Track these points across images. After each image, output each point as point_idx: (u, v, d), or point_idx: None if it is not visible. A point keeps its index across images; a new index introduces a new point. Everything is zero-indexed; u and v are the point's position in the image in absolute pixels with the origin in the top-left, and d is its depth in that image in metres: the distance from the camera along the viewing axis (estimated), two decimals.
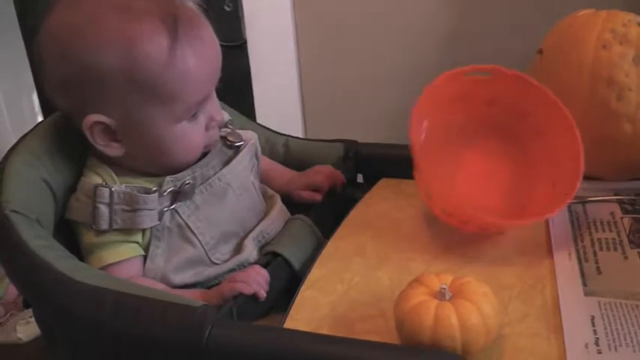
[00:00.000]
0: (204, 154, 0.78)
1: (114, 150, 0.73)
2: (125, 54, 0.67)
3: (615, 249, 0.72)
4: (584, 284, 0.67)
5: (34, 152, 0.73)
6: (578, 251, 0.72)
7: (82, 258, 0.73)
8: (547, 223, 0.78)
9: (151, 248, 0.74)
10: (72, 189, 0.75)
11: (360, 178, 0.96)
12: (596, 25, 0.81)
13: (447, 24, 1.54)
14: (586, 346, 0.59)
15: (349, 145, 0.93)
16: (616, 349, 0.58)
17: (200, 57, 0.70)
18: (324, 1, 1.60)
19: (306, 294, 0.70)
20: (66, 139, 0.76)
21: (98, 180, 0.73)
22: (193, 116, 0.73)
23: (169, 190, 0.73)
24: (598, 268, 0.69)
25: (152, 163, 0.74)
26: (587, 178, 0.85)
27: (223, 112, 0.83)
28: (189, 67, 0.69)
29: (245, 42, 1.72)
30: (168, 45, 0.68)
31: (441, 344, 0.56)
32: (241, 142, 0.81)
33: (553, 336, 0.61)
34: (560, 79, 0.82)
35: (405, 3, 1.56)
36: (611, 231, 0.76)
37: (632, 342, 0.59)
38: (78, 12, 0.69)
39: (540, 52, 0.86)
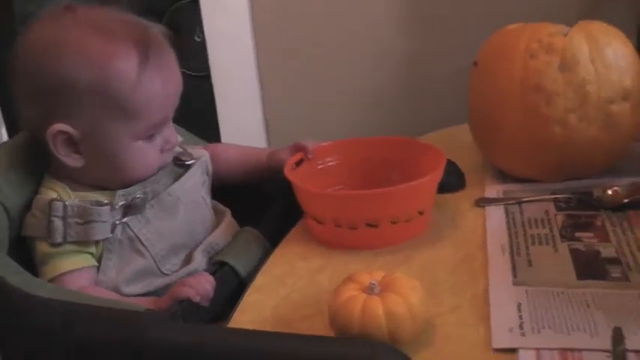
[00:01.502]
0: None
1: (74, 161, 0.76)
2: (99, 70, 0.73)
3: (547, 243, 0.76)
4: (515, 275, 0.70)
5: None
6: (511, 247, 0.76)
7: (36, 274, 0.75)
8: (485, 224, 0.81)
9: (104, 260, 0.77)
10: (27, 207, 0.78)
11: None
12: (523, 36, 0.85)
13: (405, 47, 1.59)
14: (510, 329, 0.62)
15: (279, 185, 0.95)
16: (539, 331, 0.61)
17: (165, 81, 0.77)
18: (283, 26, 1.65)
19: (250, 298, 0.73)
20: (23, 161, 0.79)
21: (53, 195, 0.76)
22: (151, 136, 0.78)
23: (121, 203, 0.77)
24: (529, 261, 0.73)
25: (108, 176, 0.78)
26: (525, 180, 0.89)
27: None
28: (155, 89, 0.75)
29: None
30: (139, 67, 0.74)
31: (370, 334, 0.59)
32: (192, 161, 0.85)
33: (482, 323, 0.64)
34: (494, 87, 0.87)
35: (365, 29, 1.61)
36: (544, 227, 0.79)
37: (554, 324, 0.62)
38: (56, 30, 0.75)
39: (475, 64, 0.90)
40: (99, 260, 0.77)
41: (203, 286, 0.72)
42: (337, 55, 1.65)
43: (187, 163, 0.85)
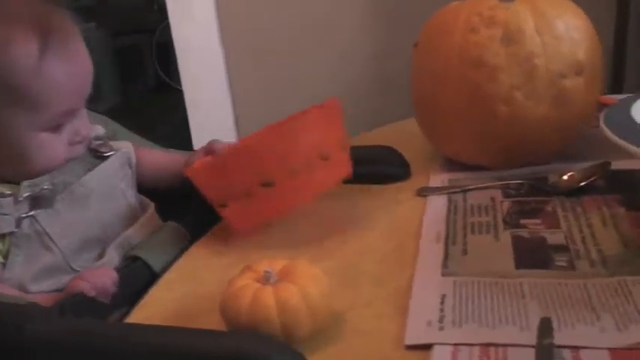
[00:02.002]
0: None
1: None
2: None
3: (488, 231, 0.68)
4: (445, 266, 0.62)
5: None
6: (447, 235, 0.68)
7: None
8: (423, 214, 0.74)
9: (10, 256, 0.71)
10: None
11: None
12: (463, 11, 0.78)
13: (374, 42, 1.53)
14: (428, 323, 0.54)
15: None
16: (460, 325, 0.53)
17: (69, 69, 0.71)
18: (251, 27, 1.61)
19: (154, 293, 0.66)
20: None
21: None
22: (57, 128, 0.73)
23: (25, 194, 0.71)
24: (464, 250, 0.65)
25: (11, 168, 0.73)
26: (475, 168, 0.82)
27: (97, 126, 0.82)
28: (56, 77, 0.70)
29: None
30: (37, 52, 0.69)
31: (259, 327, 0.51)
32: (111, 152, 0.80)
33: (398, 317, 0.56)
34: (433, 66, 0.80)
35: (332, 28, 1.56)
36: (487, 215, 0.71)
37: (479, 317, 0.54)
38: None
39: (416, 45, 0.83)
40: (5, 256, 0.71)
41: (100, 280, 0.65)
42: (307, 53, 1.59)
43: (105, 154, 0.79)
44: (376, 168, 0.84)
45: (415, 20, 1.44)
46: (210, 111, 1.74)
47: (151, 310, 0.63)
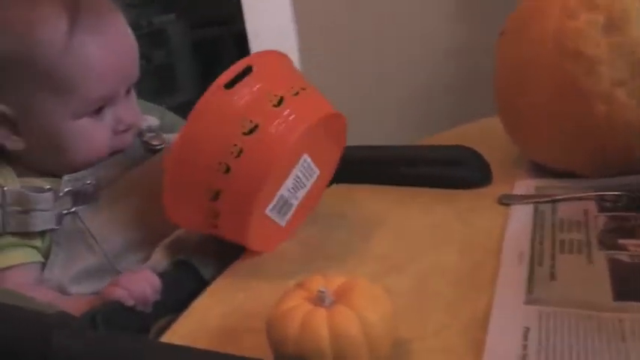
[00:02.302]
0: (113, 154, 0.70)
1: (14, 143, 0.68)
2: (21, 39, 0.64)
3: (580, 251, 0.58)
4: (529, 291, 0.54)
5: None
6: (532, 254, 0.59)
7: None
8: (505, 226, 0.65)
9: (51, 256, 0.67)
10: None
11: None
12: None
13: (456, 33, 1.44)
14: None
15: None
16: None
17: (103, 49, 0.66)
18: (327, 20, 1.54)
19: (200, 304, 0.60)
20: None
21: None
22: (97, 114, 0.68)
23: (66, 190, 0.67)
24: (552, 274, 0.56)
25: (52, 160, 0.69)
26: (565, 175, 0.72)
27: (150, 117, 0.77)
28: (89, 57, 0.65)
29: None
30: (67, 30, 0.64)
31: (308, 358, 0.44)
32: (162, 145, 0.74)
33: (471, 352, 0.48)
34: (519, 59, 0.70)
35: (413, 19, 1.48)
36: (579, 231, 0.62)
37: (569, 358, 0.45)
38: None
39: (502, 33, 0.74)
40: (46, 255, 0.67)
41: (139, 287, 0.60)
42: (383, 48, 1.52)
43: (157, 147, 0.73)
44: (453, 171, 0.76)
45: (501, 11, 1.35)
46: None
47: (195, 322, 0.57)
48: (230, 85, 0.58)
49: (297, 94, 0.61)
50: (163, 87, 4.19)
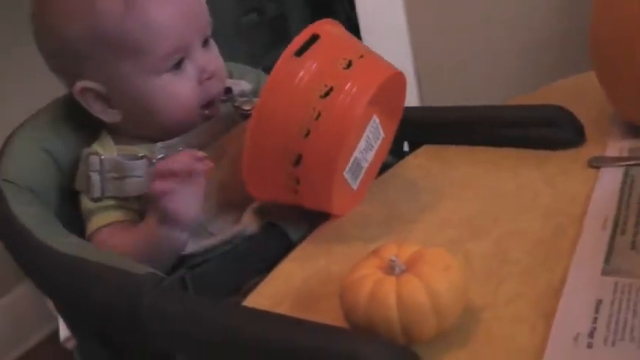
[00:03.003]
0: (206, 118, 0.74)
1: (111, 116, 0.72)
2: (87, 16, 0.67)
3: None
4: (607, 261, 0.53)
5: (39, 125, 0.75)
6: (616, 222, 0.58)
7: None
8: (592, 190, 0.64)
9: (147, 218, 0.71)
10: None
11: (406, 147, 0.86)
12: None
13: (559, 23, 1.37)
14: (576, 337, 0.46)
15: None
16: (613, 344, 0.45)
17: (161, 4, 0.68)
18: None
19: (284, 267, 0.64)
20: (78, 113, 0.75)
21: (98, 149, 0.72)
22: (177, 68, 0.70)
23: (160, 156, 0.70)
24: (634, 243, 0.54)
25: (148, 125, 0.73)
26: None
27: (241, 81, 0.80)
28: (149, 15, 0.67)
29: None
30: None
31: (377, 327, 0.47)
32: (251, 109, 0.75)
33: (541, 323, 0.48)
34: (620, 11, 0.67)
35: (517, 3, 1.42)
36: None
37: (639, 335, 0.45)
38: None
39: None
40: (143, 217, 0.71)
41: (179, 165, 0.64)
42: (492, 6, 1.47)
43: (248, 112, 0.76)
44: (546, 131, 0.74)
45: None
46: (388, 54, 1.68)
47: (279, 285, 0.61)
48: (299, 53, 0.60)
49: (362, 56, 0.62)
50: (276, 39, 4.25)
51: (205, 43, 0.73)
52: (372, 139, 0.67)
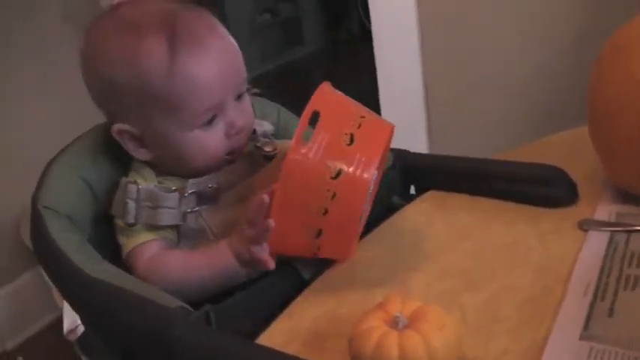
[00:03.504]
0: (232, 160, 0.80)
1: (142, 154, 0.78)
2: (130, 68, 0.72)
3: None
4: (586, 326, 0.60)
5: (78, 153, 0.81)
6: (597, 288, 0.64)
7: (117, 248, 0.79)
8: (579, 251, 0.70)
9: (180, 246, 0.78)
10: (115, 187, 0.80)
11: (412, 190, 0.93)
12: None
13: (572, 24, 1.42)
14: None
15: (397, 154, 0.90)
16: None
17: (202, 63, 0.73)
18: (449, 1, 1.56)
19: (296, 305, 0.70)
20: (114, 143, 0.81)
21: (138, 178, 0.78)
22: (209, 123, 0.76)
23: (191, 191, 0.76)
24: (611, 310, 0.61)
25: (177, 166, 0.78)
26: None
27: (264, 122, 0.85)
28: (191, 76, 0.72)
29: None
30: (167, 57, 0.72)
31: None
32: (274, 152, 0.82)
33: None
34: (609, 86, 0.74)
35: (532, 2, 1.47)
36: None
37: None
38: (98, 32, 0.76)
39: (598, 59, 0.77)
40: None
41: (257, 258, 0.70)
42: (504, 27, 1.52)
43: (269, 154, 0.82)
44: (541, 189, 0.81)
45: (617, 6, 1.32)
46: (399, 71, 1.73)
47: (291, 323, 0.68)
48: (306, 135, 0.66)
49: (359, 126, 0.68)
50: (290, 39, 4.33)
51: (239, 97, 0.78)
52: (371, 188, 0.73)
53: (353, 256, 0.76)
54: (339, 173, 0.66)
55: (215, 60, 0.74)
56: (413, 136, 1.74)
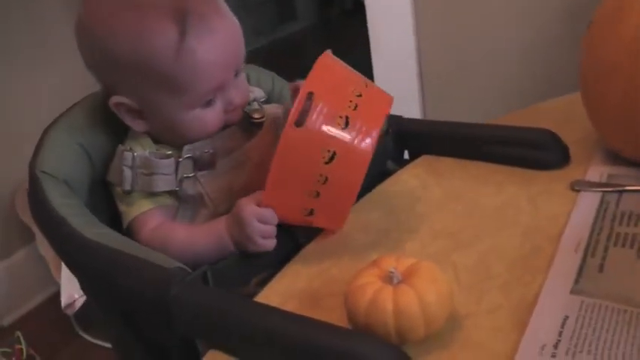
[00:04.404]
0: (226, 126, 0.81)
1: (139, 126, 0.79)
2: (136, 46, 0.72)
3: (632, 246, 0.65)
4: (576, 281, 0.61)
5: (75, 120, 0.81)
6: (588, 245, 0.66)
7: (116, 214, 0.80)
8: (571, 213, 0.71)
9: (180, 212, 0.79)
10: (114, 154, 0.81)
11: (406, 155, 0.94)
12: None
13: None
14: (542, 347, 0.54)
15: (391, 120, 0.91)
16: (573, 356, 0.53)
17: (210, 49, 0.73)
18: None
19: (292, 266, 0.71)
20: (110, 111, 0.80)
21: (136, 146, 0.79)
22: (208, 103, 0.76)
23: (187, 156, 0.77)
24: (601, 266, 0.63)
25: (173, 138, 0.79)
26: (638, 165, 0.77)
27: (257, 89, 0.86)
28: (197, 60, 0.72)
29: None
30: (176, 40, 0.72)
31: (374, 329, 0.55)
32: (262, 119, 0.82)
33: (515, 333, 0.56)
34: (601, 52, 0.74)
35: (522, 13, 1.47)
36: (637, 226, 0.67)
37: (595, 349, 0.53)
38: (102, 5, 0.76)
39: (589, 25, 0.77)
40: (175, 213, 0.79)
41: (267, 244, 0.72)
42: (496, 4, 1.53)
43: (257, 120, 0.82)
44: (533, 152, 0.82)
45: None
46: (393, 45, 1.74)
47: (287, 284, 0.69)
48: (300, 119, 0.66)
49: (356, 107, 0.68)
50: (283, 14, 4.31)
51: (236, 74, 0.78)
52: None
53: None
54: (332, 157, 0.66)
55: (221, 44, 0.74)
56: (406, 108, 1.74)
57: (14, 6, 1.79)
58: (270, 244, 0.72)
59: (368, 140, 0.68)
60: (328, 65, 0.71)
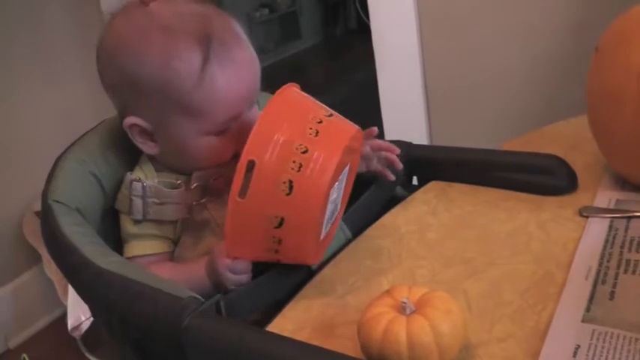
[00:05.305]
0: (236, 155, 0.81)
1: (150, 148, 0.79)
2: (159, 69, 0.73)
3: None
4: (588, 309, 0.61)
5: (87, 149, 0.82)
6: (598, 272, 0.66)
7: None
8: (580, 239, 0.72)
9: (182, 238, 0.80)
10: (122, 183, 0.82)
11: (415, 181, 0.94)
12: None
13: (571, 13, 1.44)
14: None
15: (400, 146, 0.91)
16: None
17: (230, 79, 0.74)
18: None
19: (305, 293, 0.72)
20: (123, 138, 0.82)
21: (140, 175, 0.80)
22: (222, 131, 0.76)
23: (195, 185, 0.78)
24: (612, 293, 0.63)
25: (183, 163, 0.80)
26: None
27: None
28: (218, 88, 0.73)
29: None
30: (199, 65, 0.72)
31: (388, 358, 0.55)
32: None
33: None
34: (609, 78, 0.75)
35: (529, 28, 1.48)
36: None
37: None
38: (127, 26, 0.76)
39: (596, 49, 0.78)
40: (177, 238, 0.80)
41: (239, 279, 0.72)
42: (504, 19, 1.54)
43: None
44: (541, 178, 0.82)
45: None
46: (399, 66, 1.75)
47: (300, 311, 0.69)
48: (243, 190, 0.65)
49: (317, 134, 0.66)
50: (288, 34, 4.35)
51: (250, 105, 0.79)
52: (337, 189, 0.72)
53: (319, 260, 0.75)
54: (282, 220, 0.66)
55: (241, 76, 0.75)
56: (413, 128, 1.75)
57: (22, 30, 1.80)
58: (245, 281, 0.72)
59: (315, 199, 0.66)
60: (272, 120, 0.67)
